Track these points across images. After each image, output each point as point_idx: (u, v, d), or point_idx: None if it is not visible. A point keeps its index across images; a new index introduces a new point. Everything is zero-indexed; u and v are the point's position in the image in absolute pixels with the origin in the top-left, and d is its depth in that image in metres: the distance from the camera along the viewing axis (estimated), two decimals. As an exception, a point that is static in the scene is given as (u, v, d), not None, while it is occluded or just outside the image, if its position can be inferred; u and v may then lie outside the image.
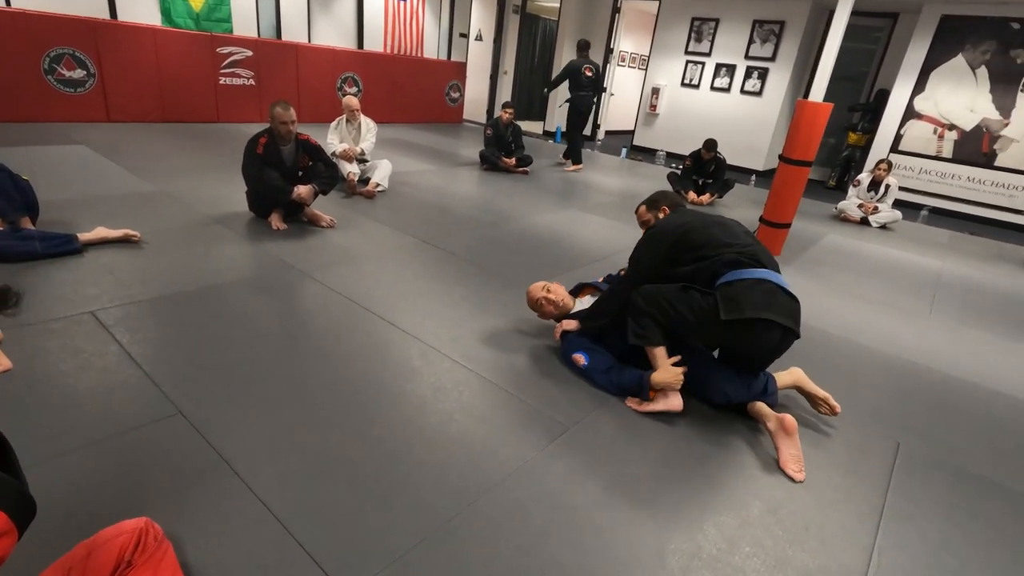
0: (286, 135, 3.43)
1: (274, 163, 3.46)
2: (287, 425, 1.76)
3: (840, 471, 1.88)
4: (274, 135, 3.42)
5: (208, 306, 2.48)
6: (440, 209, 4.57)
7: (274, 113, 3.37)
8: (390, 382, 2.06)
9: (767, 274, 1.96)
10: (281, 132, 3.40)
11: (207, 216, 3.61)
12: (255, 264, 3.04)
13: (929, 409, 2.38)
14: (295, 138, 3.52)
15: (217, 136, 6.27)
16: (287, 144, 3.49)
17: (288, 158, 3.53)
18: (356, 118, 4.84)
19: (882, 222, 5.93)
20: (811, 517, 1.65)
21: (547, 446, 1.81)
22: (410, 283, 3.02)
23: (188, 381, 1.92)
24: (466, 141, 8.49)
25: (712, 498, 1.68)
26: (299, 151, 3.57)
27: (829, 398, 2.08)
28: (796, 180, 4.13)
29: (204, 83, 6.82)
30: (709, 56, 8.87)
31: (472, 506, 1.52)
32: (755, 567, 1.45)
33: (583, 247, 4.04)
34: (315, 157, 3.65)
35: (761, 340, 1.92)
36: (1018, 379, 2.76)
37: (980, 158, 7.03)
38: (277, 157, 3.47)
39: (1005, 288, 4.35)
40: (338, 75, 8.19)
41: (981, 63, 6.80)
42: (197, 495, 1.46)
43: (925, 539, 1.63)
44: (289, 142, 3.49)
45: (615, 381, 2.12)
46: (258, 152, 3.39)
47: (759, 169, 8.66)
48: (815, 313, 3.24)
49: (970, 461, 2.04)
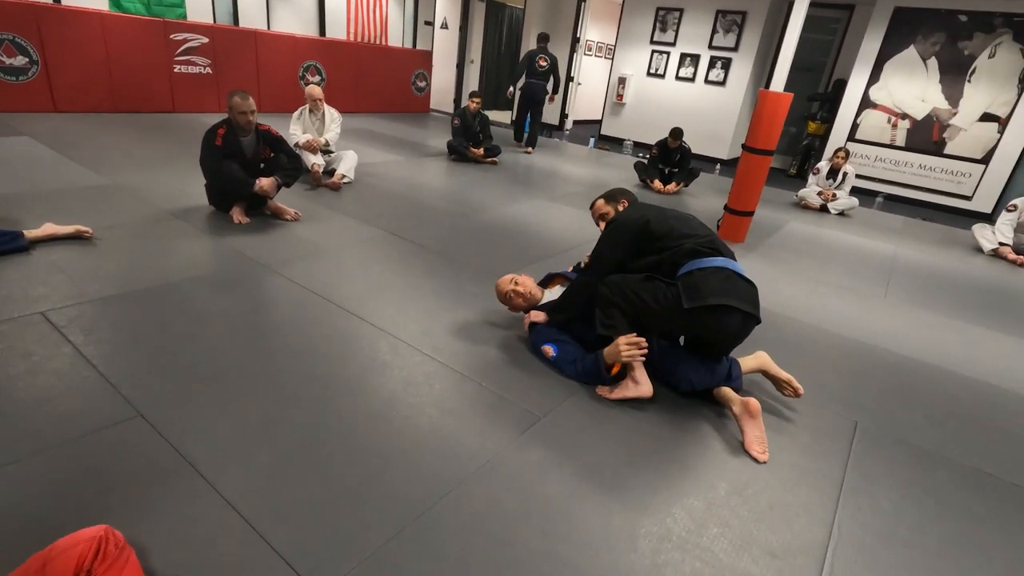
0: (245, 126, 3.32)
1: (234, 155, 3.34)
2: (253, 424, 1.72)
3: (802, 451, 1.95)
4: (233, 126, 3.31)
5: (167, 304, 2.40)
6: (408, 200, 4.51)
7: (232, 103, 3.26)
8: (359, 377, 2.04)
9: (725, 262, 2.01)
10: (240, 123, 3.29)
11: (164, 210, 3.49)
12: (216, 259, 2.95)
13: (885, 389, 2.48)
14: (255, 129, 3.41)
15: (173, 126, 6.04)
16: (247, 135, 3.39)
17: (248, 149, 3.42)
18: (319, 108, 4.73)
19: (840, 209, 6.12)
20: (775, 496, 1.71)
21: (519, 436, 1.82)
22: (378, 276, 2.98)
23: (148, 382, 1.86)
24: (433, 131, 8.39)
25: (681, 482, 1.72)
26: (260, 142, 3.46)
27: (793, 380, 2.15)
28: (759, 168, 4.22)
29: (157, 71, 6.55)
30: (674, 46, 8.96)
31: (445, 498, 1.52)
32: (722, 547, 1.49)
33: (552, 237, 4.05)
34: (277, 148, 3.55)
35: (723, 325, 1.97)
36: (967, 358, 2.90)
37: (931, 146, 7.31)
38: (237, 149, 3.36)
39: (955, 271, 4.56)
40: (300, 63, 7.97)
41: (931, 54, 7.05)
42: (160, 499, 1.42)
43: (881, 512, 1.70)
44: (249, 133, 3.39)
45: (580, 369, 2.15)
46: (216, 144, 3.27)
47: (723, 158, 8.83)
48: (778, 298, 3.34)
49: (922, 437, 2.13)
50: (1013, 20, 6.52)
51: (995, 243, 5.19)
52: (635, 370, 2.05)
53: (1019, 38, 6.54)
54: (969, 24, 6.75)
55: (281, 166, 3.54)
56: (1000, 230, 5.20)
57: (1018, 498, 1.86)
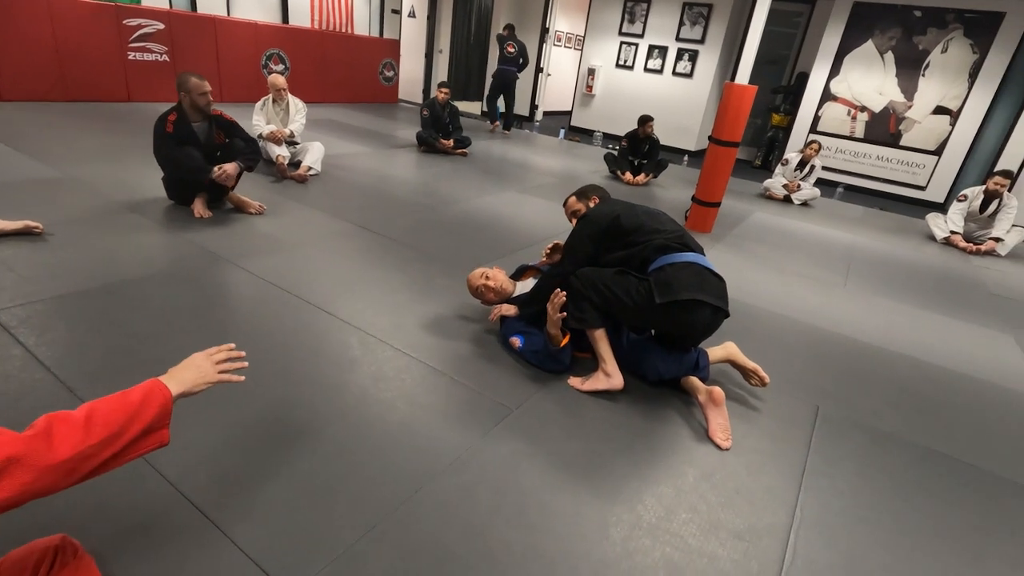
0: (206, 107, 3.21)
1: (187, 142, 3.21)
2: (219, 424, 1.68)
3: (766, 437, 2.01)
4: (183, 111, 3.18)
5: (125, 301, 2.31)
6: (377, 193, 4.44)
7: (191, 85, 3.12)
8: (329, 373, 2.01)
9: (695, 257, 2.04)
10: (201, 104, 3.18)
11: (120, 204, 3.35)
12: (177, 255, 2.86)
13: (845, 374, 2.57)
14: (208, 114, 3.30)
15: (128, 116, 5.81)
16: (199, 120, 3.26)
17: (202, 135, 3.30)
18: (283, 98, 4.61)
19: (803, 199, 6.29)
20: (741, 481, 1.76)
21: (492, 429, 1.82)
22: (347, 270, 2.93)
23: (105, 383, 1.79)
24: (402, 122, 8.28)
25: (650, 470, 1.76)
26: (213, 128, 3.34)
27: (759, 370, 2.20)
28: (725, 160, 4.30)
29: (110, 58, 6.28)
30: (642, 37, 9.02)
31: (418, 493, 1.52)
32: (691, 532, 1.53)
33: (524, 229, 4.05)
34: (231, 133, 3.42)
35: (693, 320, 2.00)
36: (920, 343, 3.02)
37: (888, 138, 7.56)
38: (189, 135, 3.22)
39: (910, 259, 4.74)
40: (262, 52, 7.74)
41: (888, 48, 7.28)
42: (120, 506, 1.37)
43: (841, 494, 1.77)
44: (205, 116, 3.27)
45: (543, 355, 2.18)
46: (168, 131, 3.13)
47: (691, 149, 8.96)
48: (743, 287, 3.42)
49: (880, 420, 2.22)
50: (964, 16, 6.78)
51: (947, 231, 5.41)
52: (607, 363, 2.08)
53: (969, 34, 6.80)
54: (923, 19, 6.99)
55: (239, 151, 3.40)
56: (951, 219, 5.42)
57: (966, 474, 1.96)
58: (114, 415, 0.92)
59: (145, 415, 0.96)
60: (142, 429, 0.95)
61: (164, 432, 1.00)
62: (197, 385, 1.10)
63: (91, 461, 0.87)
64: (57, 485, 0.84)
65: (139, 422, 0.95)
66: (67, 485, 0.86)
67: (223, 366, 1.16)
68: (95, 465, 0.88)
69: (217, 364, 1.15)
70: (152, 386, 1.01)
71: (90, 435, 0.87)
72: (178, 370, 1.10)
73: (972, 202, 5.33)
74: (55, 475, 0.83)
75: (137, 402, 0.96)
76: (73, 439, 0.85)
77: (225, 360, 1.17)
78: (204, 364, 1.14)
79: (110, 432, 0.90)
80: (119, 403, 0.95)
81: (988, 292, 4.08)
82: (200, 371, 1.12)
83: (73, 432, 0.86)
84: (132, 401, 0.96)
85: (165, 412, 1.00)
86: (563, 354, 2.14)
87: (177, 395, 1.05)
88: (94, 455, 0.88)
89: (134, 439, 0.94)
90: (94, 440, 0.88)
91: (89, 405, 0.92)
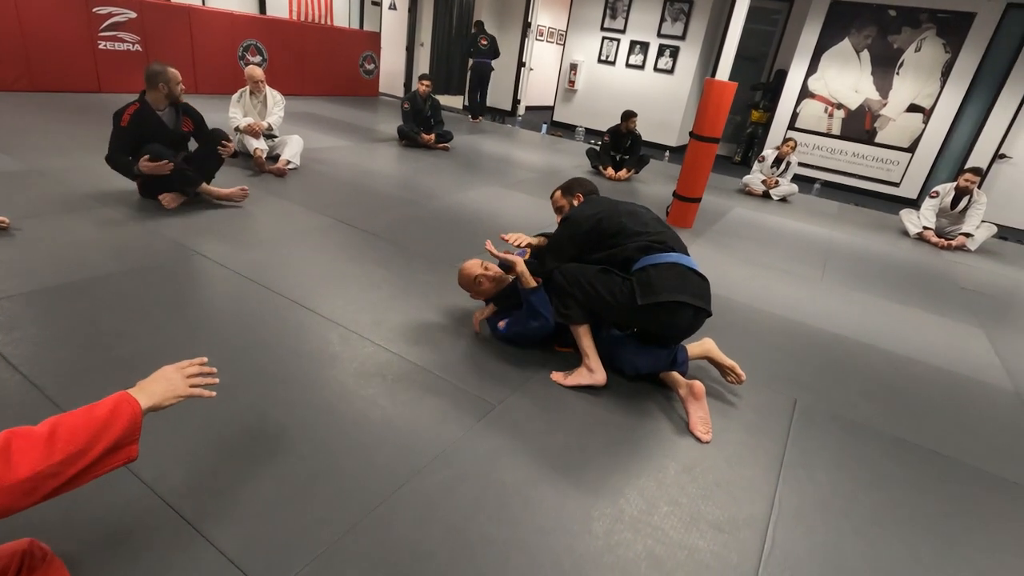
0: (180, 95, 3.21)
1: (152, 133, 3.15)
2: (196, 423, 1.65)
3: (746, 429, 2.03)
4: (146, 102, 3.13)
5: (97, 298, 2.25)
6: (357, 187, 4.39)
7: (168, 74, 3.10)
8: (309, 370, 1.98)
9: (678, 257, 2.04)
10: (178, 93, 3.18)
11: (91, 197, 3.26)
12: (150, 250, 2.79)
13: (822, 367, 2.62)
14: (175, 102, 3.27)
15: (99, 107, 5.64)
16: (164, 108, 3.22)
17: (169, 122, 3.26)
18: (261, 90, 4.52)
19: (781, 195, 6.38)
20: (721, 474, 1.78)
21: (474, 425, 1.82)
22: (327, 266, 2.89)
23: (77, 383, 1.75)
24: (383, 115, 8.19)
25: (632, 464, 1.77)
26: (179, 115, 3.31)
27: (736, 367, 2.22)
28: (706, 156, 4.33)
29: (79, 48, 6.09)
30: (624, 33, 9.04)
31: (400, 490, 1.51)
32: (672, 524, 1.54)
33: (506, 224, 4.04)
34: (199, 121, 3.40)
35: (675, 320, 2.00)
36: (894, 335, 3.09)
37: (864, 135, 7.71)
38: (155, 124, 3.17)
39: (884, 254, 4.84)
40: (239, 43, 7.58)
41: (864, 47, 7.41)
42: (93, 508, 1.34)
43: (818, 485, 1.80)
44: (176, 106, 3.25)
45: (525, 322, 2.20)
46: (122, 125, 3.07)
47: (672, 145, 9.02)
48: (723, 282, 3.45)
49: (855, 412, 2.27)
50: (937, 16, 6.92)
51: (919, 227, 5.54)
52: (590, 359, 2.08)
53: (942, 33, 6.95)
54: (898, 19, 7.12)
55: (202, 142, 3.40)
56: (924, 215, 5.55)
57: (937, 464, 2.01)
58: (79, 431, 0.87)
59: (113, 430, 0.91)
60: (109, 445, 0.90)
61: (133, 448, 0.95)
62: (167, 399, 1.04)
63: (54, 480, 0.83)
64: (16, 506, 0.79)
65: (106, 438, 0.90)
66: (28, 505, 0.81)
67: (194, 380, 1.11)
68: (58, 484, 0.84)
69: (188, 378, 1.11)
70: (120, 399, 0.96)
71: (53, 453, 0.83)
72: (148, 383, 1.05)
73: (944, 198, 5.46)
74: (13, 495, 0.78)
75: (104, 417, 0.91)
76: (34, 457, 0.81)
77: (197, 374, 1.13)
78: (175, 377, 1.09)
79: (75, 449, 0.85)
80: (85, 418, 0.90)
81: (958, 286, 4.19)
82: (170, 384, 1.07)
83: (34, 449, 0.81)
84: (99, 416, 0.91)
85: (134, 427, 0.95)
86: (539, 301, 2.14)
87: (147, 409, 1.00)
88: (57, 473, 0.83)
89: (101, 456, 0.89)
90: (57, 458, 0.83)
91: (53, 420, 0.87)
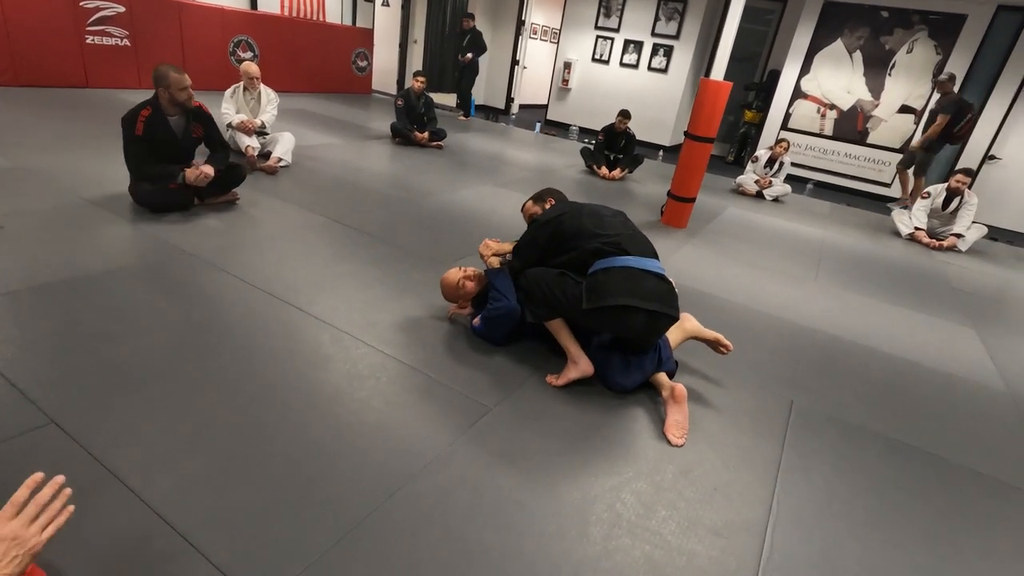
0: (186, 102, 3.06)
1: (162, 139, 3.05)
2: (185, 427, 1.61)
3: (743, 432, 2.02)
4: (158, 106, 3.02)
5: (83, 299, 2.20)
6: (350, 186, 4.35)
7: (170, 79, 2.95)
8: (301, 372, 1.94)
9: (634, 261, 1.99)
10: (181, 99, 3.02)
11: (78, 195, 3.20)
12: (140, 249, 2.74)
13: (817, 368, 2.61)
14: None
15: (87, 103, 5.56)
16: (176, 115, 3.10)
17: (178, 129, 3.14)
18: (256, 87, 4.46)
19: (774, 195, 6.39)
20: (719, 477, 1.76)
21: (469, 429, 1.79)
22: (320, 265, 2.85)
23: (62, 385, 1.70)
24: (376, 113, 8.13)
25: (628, 467, 1.75)
26: (190, 121, 3.19)
27: (720, 337, 2.24)
28: (701, 155, 4.32)
29: (66, 42, 5.98)
30: (618, 32, 9.03)
31: (394, 496, 1.48)
32: (671, 529, 1.53)
33: (500, 224, 4.01)
34: (210, 127, 3.29)
35: (626, 325, 1.95)
36: (888, 336, 3.10)
37: (855, 136, 7.75)
38: (164, 131, 3.06)
39: (877, 254, 4.86)
40: (230, 38, 7.49)
41: (856, 48, 7.44)
42: (79, 515, 1.29)
43: (816, 488, 1.79)
44: (186, 111, 3.11)
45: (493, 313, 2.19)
46: (137, 133, 2.94)
47: (666, 144, 9.03)
48: (718, 282, 3.45)
49: (851, 413, 2.26)
50: (928, 17, 6.96)
51: (911, 228, 5.57)
52: (571, 351, 2.08)
53: (934, 35, 6.99)
54: (890, 20, 7.16)
55: (212, 149, 3.30)
56: (916, 216, 5.58)
57: (933, 467, 2.01)
58: None
59: None
60: None
61: None
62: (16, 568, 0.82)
63: None
64: None
65: None
66: None
67: (46, 517, 0.89)
68: None
69: (34, 523, 0.88)
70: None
71: None
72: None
73: (935, 199, 5.49)
74: None
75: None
76: None
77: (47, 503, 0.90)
78: (20, 534, 0.85)
79: None
80: None
81: (950, 287, 4.21)
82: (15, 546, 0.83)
83: None
84: None
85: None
86: (502, 284, 2.16)
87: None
88: None
89: None
90: None
91: None
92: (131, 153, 3.01)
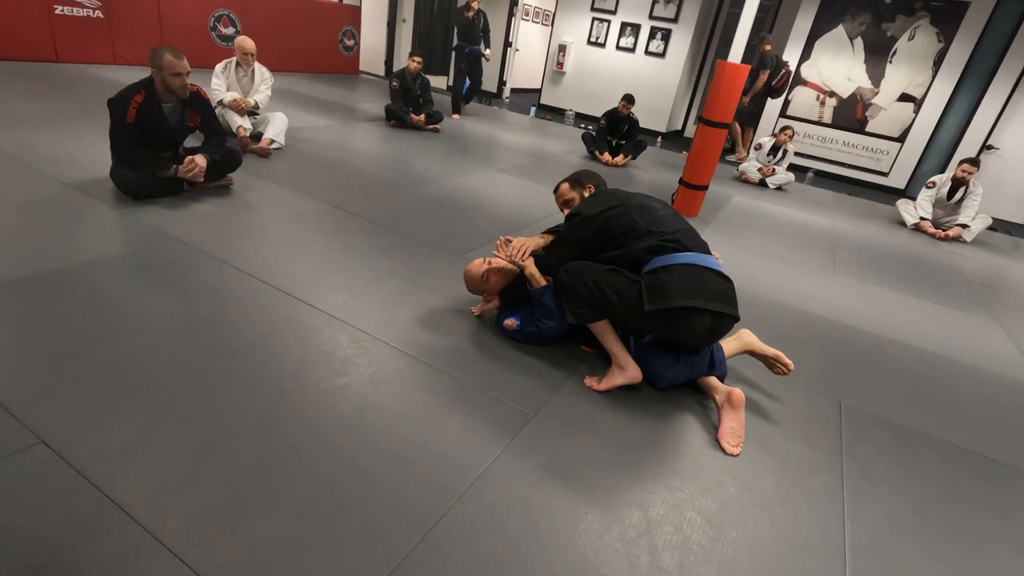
0: (180, 90, 2.78)
1: (154, 127, 2.78)
2: (193, 445, 1.41)
3: (796, 439, 1.88)
4: (153, 91, 2.74)
5: (67, 294, 1.96)
6: (348, 169, 4.10)
7: (164, 62, 2.67)
8: (319, 378, 1.75)
9: (694, 257, 1.84)
10: (175, 86, 2.74)
11: (53, 178, 2.92)
12: (128, 238, 2.49)
13: (857, 365, 2.49)
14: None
15: (57, 78, 5.17)
16: (171, 101, 2.82)
17: (173, 117, 2.87)
18: (250, 63, 4.16)
19: (778, 183, 6.29)
20: (783, 490, 1.62)
21: (512, 440, 1.62)
22: (326, 256, 2.64)
23: (49, 397, 1.48)
24: (365, 94, 7.81)
25: (687, 481, 1.60)
26: (187, 109, 2.91)
27: (781, 356, 2.05)
28: (715, 142, 4.17)
29: (33, 13, 5.57)
30: (614, 14, 8.79)
31: (440, 523, 1.30)
32: (744, 553, 1.38)
33: (509, 210, 3.82)
34: (207, 115, 3.01)
35: (691, 328, 1.80)
36: (919, 331, 2.99)
37: (855, 124, 7.67)
38: (158, 118, 2.78)
39: (888, 245, 4.78)
40: (210, 12, 7.09)
41: (858, 34, 7.33)
42: (78, 556, 1.10)
43: (885, 500, 1.66)
44: (182, 97, 2.83)
45: (539, 322, 2.04)
46: (128, 120, 2.67)
47: (663, 131, 8.86)
48: (740, 274, 3.30)
49: (901, 414, 2.14)
50: (931, 4, 6.87)
51: (916, 217, 5.51)
52: (618, 356, 1.91)
53: (936, 22, 6.91)
54: (892, 6, 7.05)
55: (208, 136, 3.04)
56: (921, 205, 5.52)
57: (996, 473, 1.90)
58: None
59: None
60: None
61: None
62: None
63: None
64: None
65: None
66: None
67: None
68: None
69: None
70: None
71: None
72: None
73: (940, 189, 5.44)
74: None
75: None
76: None
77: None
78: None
79: None
80: None
81: (965, 279, 4.15)
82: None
83: None
84: None
85: None
86: (552, 301, 1.99)
87: None
88: None
89: None
90: None
91: None
92: (119, 139, 2.73)
